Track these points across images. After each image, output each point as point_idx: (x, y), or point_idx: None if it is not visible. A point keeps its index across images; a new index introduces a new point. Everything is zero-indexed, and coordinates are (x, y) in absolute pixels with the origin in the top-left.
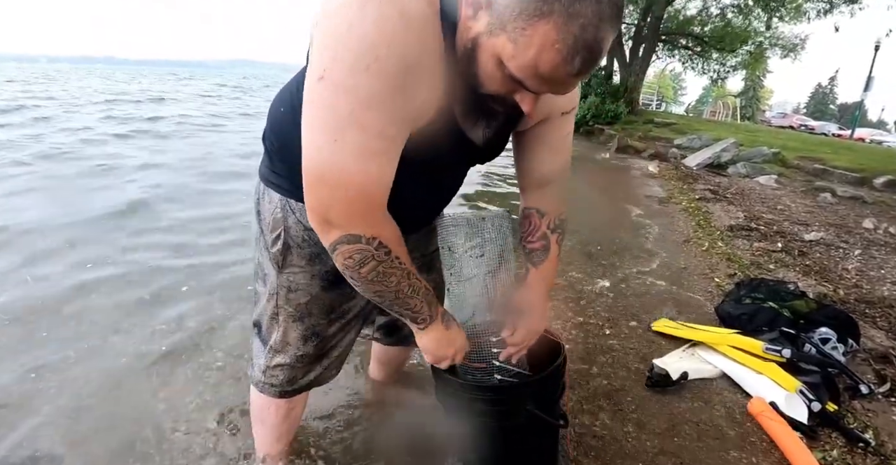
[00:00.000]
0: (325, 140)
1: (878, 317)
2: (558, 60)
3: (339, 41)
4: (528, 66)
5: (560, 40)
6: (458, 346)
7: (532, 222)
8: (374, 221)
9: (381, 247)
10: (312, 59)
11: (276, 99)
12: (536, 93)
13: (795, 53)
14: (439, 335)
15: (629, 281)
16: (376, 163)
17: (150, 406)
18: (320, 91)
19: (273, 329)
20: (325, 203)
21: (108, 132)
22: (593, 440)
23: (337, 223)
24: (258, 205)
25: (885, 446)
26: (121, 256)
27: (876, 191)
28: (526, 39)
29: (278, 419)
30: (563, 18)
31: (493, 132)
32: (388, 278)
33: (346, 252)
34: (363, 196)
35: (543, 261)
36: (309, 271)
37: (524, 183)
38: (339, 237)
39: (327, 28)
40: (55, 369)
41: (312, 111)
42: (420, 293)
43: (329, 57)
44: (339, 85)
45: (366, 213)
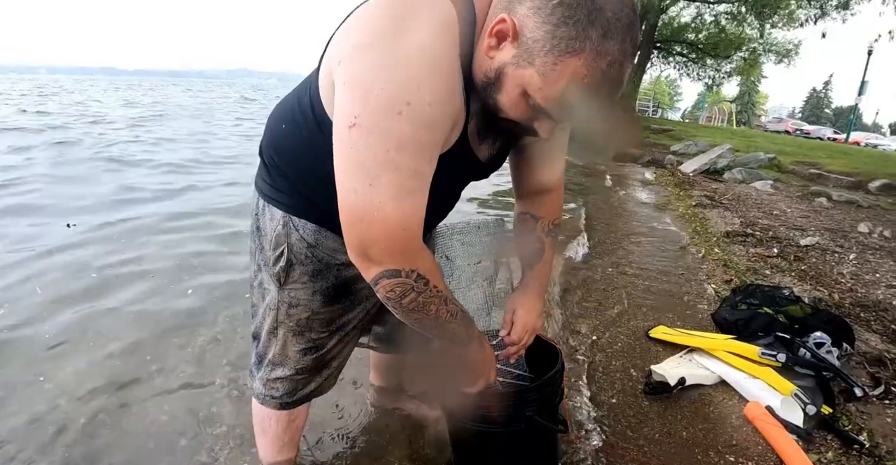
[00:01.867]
0: (361, 183)
1: (873, 320)
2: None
3: (368, 85)
4: (555, 97)
5: (589, 75)
6: (490, 364)
7: (527, 226)
8: (412, 255)
9: (419, 278)
10: (341, 104)
11: (275, 113)
12: (559, 121)
13: (789, 59)
14: (478, 357)
15: (626, 288)
16: (411, 200)
17: (153, 416)
18: (353, 137)
19: (272, 343)
20: (364, 241)
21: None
22: (591, 446)
23: (377, 260)
24: (258, 221)
25: (880, 447)
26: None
27: (871, 195)
28: (555, 74)
29: (280, 430)
30: (593, 56)
31: (496, 150)
32: (427, 307)
33: (388, 286)
34: (401, 232)
35: (538, 263)
36: (311, 287)
37: (521, 192)
38: (380, 272)
39: (354, 71)
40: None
41: (346, 156)
42: (458, 317)
43: (359, 102)
44: (372, 131)
45: (404, 248)
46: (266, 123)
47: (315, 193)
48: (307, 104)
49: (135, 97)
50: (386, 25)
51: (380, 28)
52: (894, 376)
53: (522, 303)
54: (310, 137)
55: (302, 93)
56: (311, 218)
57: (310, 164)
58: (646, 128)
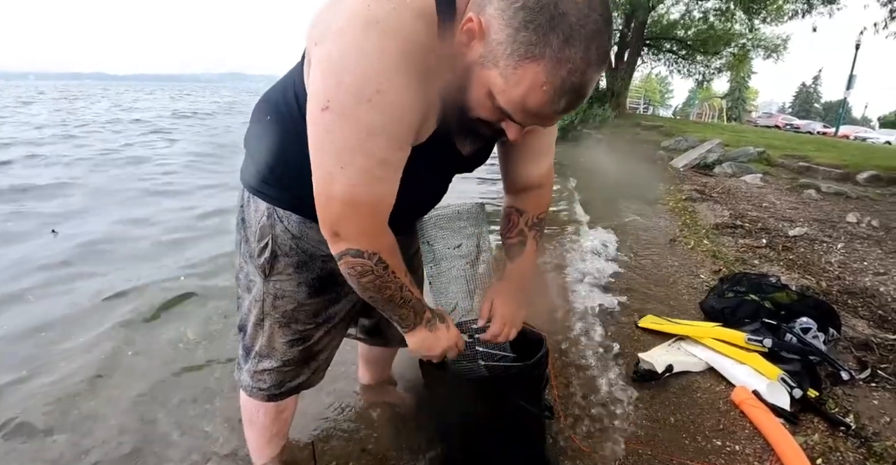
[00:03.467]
0: (334, 166)
1: (860, 307)
2: (545, 100)
3: (341, 70)
4: (516, 102)
5: (548, 82)
6: (445, 345)
7: (511, 220)
8: (376, 239)
9: (380, 262)
10: (315, 86)
11: (260, 106)
12: (522, 125)
13: (778, 54)
14: (422, 338)
15: (616, 279)
16: (379, 186)
17: (147, 409)
18: (326, 120)
19: (258, 335)
20: (335, 219)
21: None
22: (580, 433)
23: (344, 237)
24: (243, 213)
25: (866, 429)
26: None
27: (859, 186)
28: (516, 78)
29: (268, 422)
30: (552, 62)
31: (480, 144)
32: (383, 289)
33: (350, 264)
34: (368, 216)
35: (519, 255)
36: (296, 278)
37: (509, 187)
38: (345, 250)
39: (329, 54)
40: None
41: (319, 139)
42: (409, 303)
43: (332, 86)
44: (343, 115)
45: (370, 231)
46: (251, 115)
47: (299, 186)
48: (292, 97)
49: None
50: (362, 10)
51: (356, 13)
52: (881, 360)
53: (501, 295)
54: (295, 130)
55: (287, 86)
56: (296, 210)
57: (294, 156)
58: (636, 125)
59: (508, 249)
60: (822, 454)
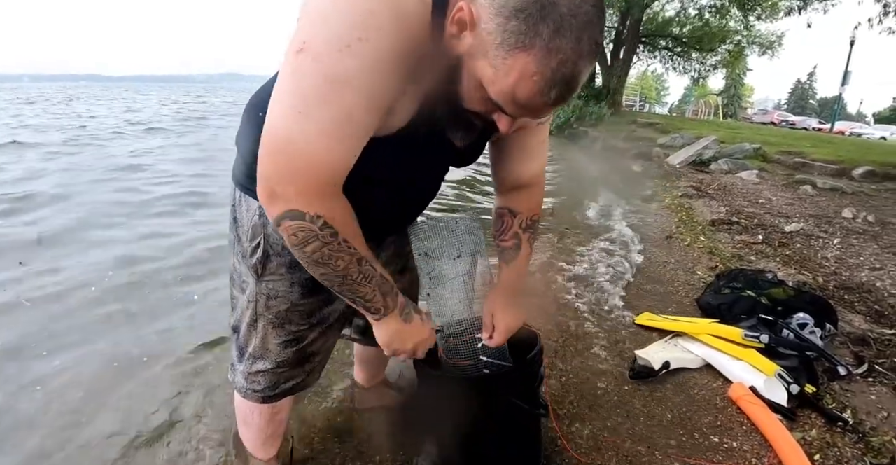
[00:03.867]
0: (292, 110)
1: (857, 302)
2: (535, 91)
3: (324, 15)
4: (506, 92)
5: (538, 73)
6: (418, 341)
7: (504, 222)
8: (321, 200)
9: (325, 227)
10: (295, 32)
11: (252, 103)
12: (513, 117)
13: (773, 50)
14: (396, 328)
15: (612, 277)
16: (337, 143)
17: (141, 408)
18: (297, 61)
19: (251, 336)
20: (276, 174)
21: None
22: (577, 430)
23: (283, 196)
24: (234, 212)
25: (863, 424)
26: None
27: (855, 181)
28: (506, 68)
29: (263, 423)
30: (542, 52)
31: (473, 137)
32: (334, 261)
33: (290, 228)
34: (316, 172)
35: (515, 259)
36: (289, 278)
37: (500, 186)
38: (283, 212)
39: (312, 4)
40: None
41: (285, 80)
42: (373, 282)
43: (311, 30)
44: (317, 58)
45: (315, 190)
46: (243, 113)
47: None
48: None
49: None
50: None
51: None
52: (878, 355)
53: (501, 304)
54: None
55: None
56: None
57: None
58: (632, 122)
59: (503, 252)
60: (819, 449)
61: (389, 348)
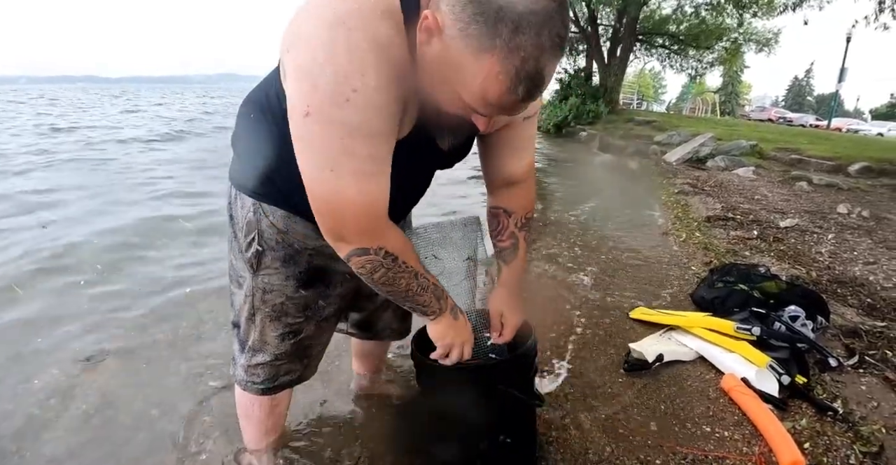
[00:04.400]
0: (322, 170)
1: (850, 295)
2: (503, 90)
3: (314, 75)
4: (476, 94)
5: (503, 71)
6: (465, 337)
7: (500, 222)
8: (378, 234)
9: (387, 255)
10: (292, 93)
11: (245, 104)
12: (489, 116)
13: (770, 48)
14: (448, 325)
15: (608, 272)
16: (371, 184)
17: (142, 406)
18: (309, 126)
19: (251, 329)
20: (334, 224)
21: None
22: (571, 420)
23: (348, 239)
24: (230, 209)
25: (853, 414)
26: None
27: (850, 178)
28: (472, 71)
29: (263, 415)
30: (504, 53)
31: (458, 140)
32: (397, 281)
33: (359, 263)
34: (366, 213)
35: (514, 258)
36: (283, 272)
37: (491, 184)
38: (351, 251)
39: (301, 60)
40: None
41: (306, 145)
42: (429, 290)
43: (308, 92)
44: (325, 119)
45: (370, 228)
46: (237, 114)
47: (282, 182)
48: (274, 96)
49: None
50: (326, 13)
51: (320, 16)
52: (869, 347)
53: (507, 303)
54: (276, 128)
55: (269, 84)
56: (280, 204)
57: (277, 153)
58: (629, 120)
59: (501, 252)
60: (809, 438)
61: (443, 344)
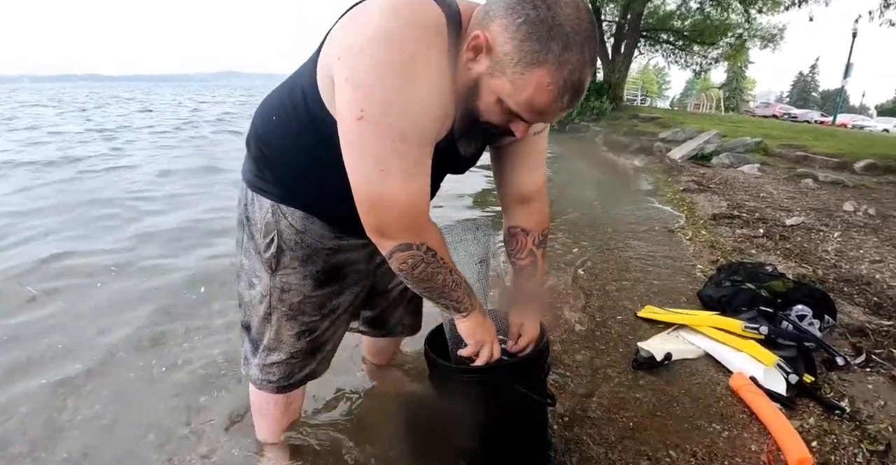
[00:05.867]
0: (373, 171)
1: (856, 294)
2: (550, 99)
3: (369, 83)
4: (525, 102)
5: (553, 83)
6: (493, 336)
7: (518, 241)
8: (421, 230)
9: (428, 251)
10: (346, 99)
11: (265, 106)
12: (530, 123)
13: (775, 43)
14: (478, 322)
15: (615, 271)
16: (417, 183)
17: (153, 406)
18: (361, 129)
19: (265, 329)
20: (381, 222)
21: None
22: (582, 419)
23: (391, 235)
24: (247, 211)
25: (861, 412)
26: None
27: (856, 175)
28: (524, 82)
29: (279, 413)
30: (555, 66)
31: (475, 148)
32: (435, 276)
33: (401, 258)
34: (411, 211)
35: (534, 275)
36: (301, 271)
37: (507, 201)
38: (395, 246)
39: (355, 69)
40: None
41: (357, 147)
42: (462, 286)
43: (362, 98)
44: (378, 124)
45: (414, 224)
46: (255, 114)
47: (302, 184)
48: (299, 98)
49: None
50: (378, 27)
51: (375, 28)
52: (875, 346)
53: (528, 317)
54: (299, 130)
55: (294, 86)
56: (299, 206)
57: (297, 155)
58: (634, 116)
59: (521, 270)
60: (817, 436)
61: (476, 340)
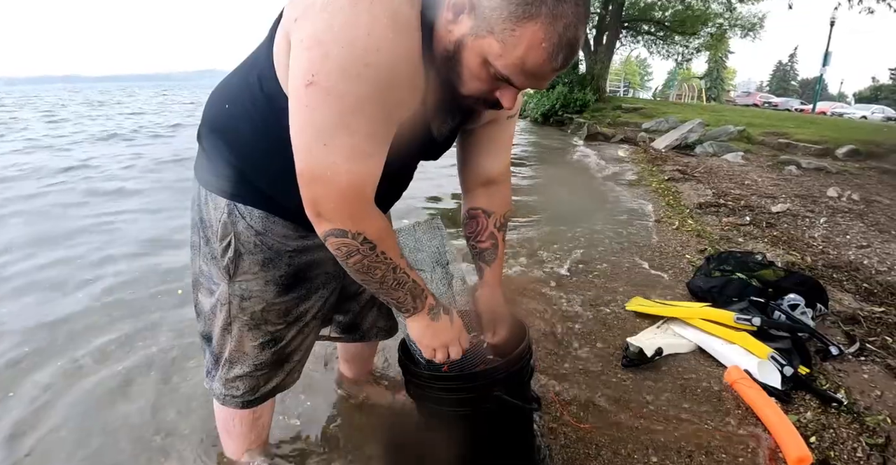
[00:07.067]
0: (316, 143)
1: (846, 280)
2: (544, 57)
3: (327, 44)
4: (515, 63)
5: (546, 39)
6: (447, 339)
7: (479, 222)
8: (360, 218)
9: (365, 242)
10: (298, 62)
11: (217, 95)
12: (520, 88)
13: (755, 32)
14: (425, 325)
15: (602, 263)
16: (364, 163)
17: (127, 418)
18: (310, 96)
19: (226, 340)
20: (317, 199)
21: None
22: (569, 419)
23: (327, 217)
24: (200, 212)
25: (857, 403)
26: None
27: (838, 161)
28: (514, 39)
29: (245, 429)
30: (549, 19)
31: (449, 129)
32: (373, 270)
33: (335, 244)
34: (352, 194)
35: (495, 258)
36: (262, 276)
37: (469, 184)
38: (329, 230)
39: (314, 28)
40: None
41: (302, 115)
42: (405, 287)
43: (318, 61)
44: (329, 90)
45: (353, 209)
46: (205, 105)
47: (261, 178)
48: (255, 80)
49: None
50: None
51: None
52: (868, 334)
53: (494, 301)
54: (258, 116)
55: (248, 71)
56: (258, 204)
57: (256, 145)
58: (617, 107)
59: (481, 253)
60: (815, 432)
61: (423, 346)
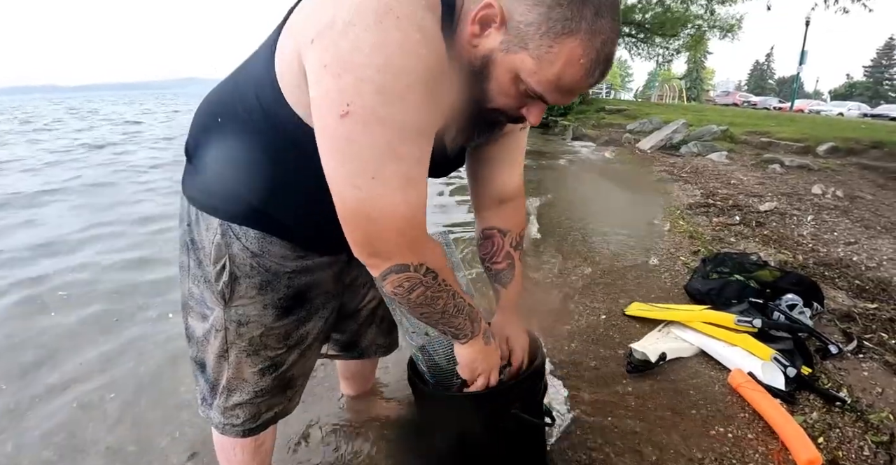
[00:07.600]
0: (362, 178)
1: (837, 278)
2: (581, 74)
3: (359, 68)
4: (550, 80)
5: (585, 55)
6: (494, 363)
7: (495, 243)
8: (420, 248)
9: (428, 272)
10: (325, 89)
11: (207, 107)
12: (551, 104)
13: (733, 33)
14: (478, 350)
15: (597, 268)
16: (416, 190)
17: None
18: (347, 127)
19: (223, 368)
20: (371, 238)
21: None
22: (577, 429)
23: (386, 255)
24: (190, 233)
25: (860, 402)
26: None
27: (820, 158)
28: (552, 56)
29: (247, 458)
30: (588, 36)
31: (462, 142)
32: (435, 301)
33: (396, 281)
34: (409, 225)
35: (512, 279)
36: (260, 300)
37: (485, 201)
38: (389, 268)
39: (339, 50)
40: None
41: (341, 148)
42: (464, 312)
43: (351, 88)
44: (370, 118)
45: (413, 241)
46: (194, 118)
47: (257, 196)
48: (253, 97)
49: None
50: (365, 1)
51: (363, 2)
52: (865, 331)
53: (513, 328)
54: (256, 131)
55: (242, 82)
56: (253, 224)
57: (252, 162)
58: (601, 109)
59: (498, 274)
60: (822, 432)
61: (470, 369)
